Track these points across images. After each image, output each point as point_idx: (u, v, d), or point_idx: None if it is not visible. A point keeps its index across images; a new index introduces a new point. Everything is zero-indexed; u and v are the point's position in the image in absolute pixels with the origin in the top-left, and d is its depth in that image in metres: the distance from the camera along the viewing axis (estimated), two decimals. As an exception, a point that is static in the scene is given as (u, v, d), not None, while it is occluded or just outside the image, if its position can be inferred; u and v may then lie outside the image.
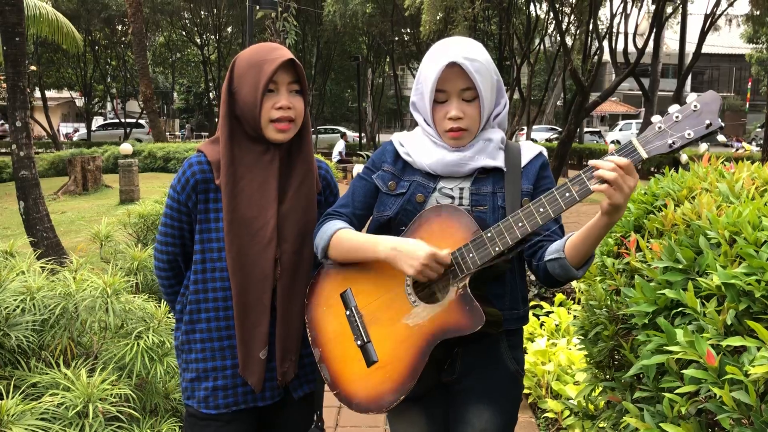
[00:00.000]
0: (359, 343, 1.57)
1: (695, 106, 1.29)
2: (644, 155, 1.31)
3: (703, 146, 1.30)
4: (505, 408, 1.60)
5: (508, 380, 1.62)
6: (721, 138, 1.31)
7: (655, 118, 1.33)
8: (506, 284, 1.59)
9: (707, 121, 1.27)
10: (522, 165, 1.59)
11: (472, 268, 1.44)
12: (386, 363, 1.52)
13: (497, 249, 1.42)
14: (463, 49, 1.53)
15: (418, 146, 1.62)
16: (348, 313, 1.60)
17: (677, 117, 1.30)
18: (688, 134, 1.28)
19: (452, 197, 1.58)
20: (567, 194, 1.36)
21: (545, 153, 1.65)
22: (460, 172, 1.58)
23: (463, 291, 1.45)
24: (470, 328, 1.42)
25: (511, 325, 1.59)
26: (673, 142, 1.29)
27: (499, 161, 1.58)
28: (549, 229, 1.54)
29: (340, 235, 1.58)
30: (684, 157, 1.35)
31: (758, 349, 1.06)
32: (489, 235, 1.43)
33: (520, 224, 1.40)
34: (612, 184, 1.27)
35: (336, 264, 1.64)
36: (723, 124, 1.28)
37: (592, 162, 1.32)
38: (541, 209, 1.38)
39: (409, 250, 1.45)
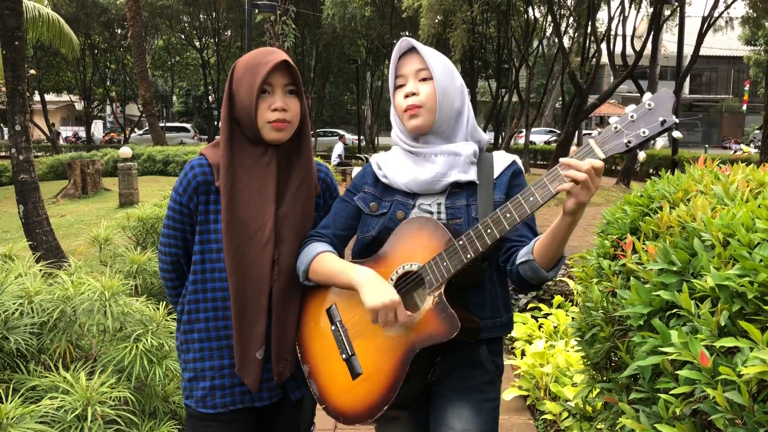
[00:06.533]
0: (344, 356, 1.60)
1: (649, 105, 1.32)
2: (601, 155, 1.34)
3: (660, 142, 1.33)
4: (483, 408, 1.61)
5: (487, 381, 1.64)
6: (676, 134, 1.33)
7: (613, 119, 1.36)
8: (486, 293, 1.61)
9: (661, 119, 1.30)
10: (495, 176, 1.63)
11: (446, 275, 1.47)
12: (370, 374, 1.55)
13: (469, 256, 1.44)
14: (418, 42, 1.65)
15: (393, 166, 1.68)
16: (333, 328, 1.64)
17: (632, 117, 1.33)
18: (643, 132, 1.31)
19: (431, 212, 1.61)
20: (531, 198, 1.39)
21: (518, 162, 1.70)
22: (435, 189, 1.62)
23: (438, 299, 1.47)
24: (445, 335, 1.44)
25: (493, 333, 1.62)
26: (629, 141, 1.32)
27: (471, 175, 1.62)
28: (521, 233, 1.58)
29: (319, 259, 1.63)
30: (641, 155, 1.38)
31: (751, 349, 1.07)
32: (461, 243, 1.46)
33: (488, 230, 1.43)
34: (581, 184, 1.31)
35: None
36: (677, 121, 1.31)
37: (563, 160, 1.34)
38: (508, 215, 1.41)
39: (379, 287, 1.49)
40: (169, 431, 2.32)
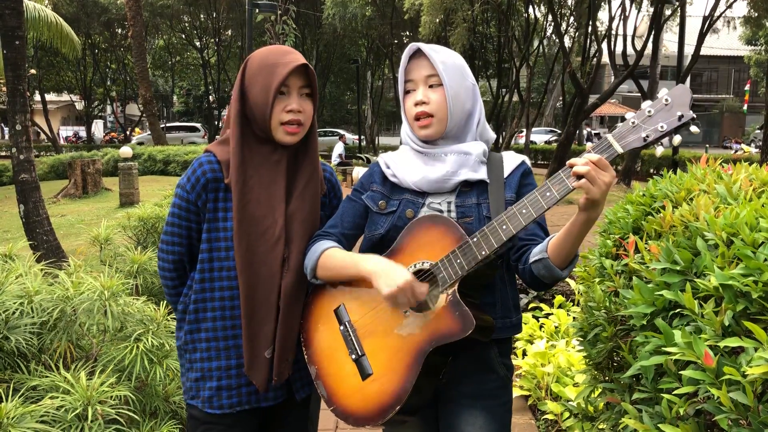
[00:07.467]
0: (354, 357, 1.57)
1: (666, 100, 1.32)
2: (619, 150, 1.34)
3: (677, 138, 1.32)
4: (497, 414, 1.60)
5: (499, 386, 1.62)
6: (694, 129, 1.32)
7: (629, 115, 1.36)
8: (496, 292, 1.60)
9: (679, 113, 1.30)
10: (505, 176, 1.62)
11: (460, 273, 1.45)
12: (381, 375, 1.52)
13: (483, 253, 1.43)
14: (428, 44, 1.62)
15: (403, 165, 1.66)
16: (342, 328, 1.61)
17: (650, 112, 1.33)
18: (661, 127, 1.31)
19: (441, 211, 1.60)
20: (548, 194, 1.37)
21: (528, 162, 1.68)
22: (445, 188, 1.60)
23: (452, 297, 1.45)
24: (461, 332, 1.42)
25: (503, 333, 1.60)
26: (647, 136, 1.32)
27: (481, 174, 1.60)
28: (533, 232, 1.56)
29: (327, 255, 1.61)
30: (659, 150, 1.39)
31: (755, 349, 1.07)
32: (475, 240, 1.44)
33: (504, 227, 1.41)
34: (587, 179, 1.30)
35: (328, 283, 1.67)
36: (695, 115, 1.30)
37: (569, 161, 1.34)
38: (524, 210, 1.40)
39: (390, 273, 1.47)
40: (169, 431, 2.32)
